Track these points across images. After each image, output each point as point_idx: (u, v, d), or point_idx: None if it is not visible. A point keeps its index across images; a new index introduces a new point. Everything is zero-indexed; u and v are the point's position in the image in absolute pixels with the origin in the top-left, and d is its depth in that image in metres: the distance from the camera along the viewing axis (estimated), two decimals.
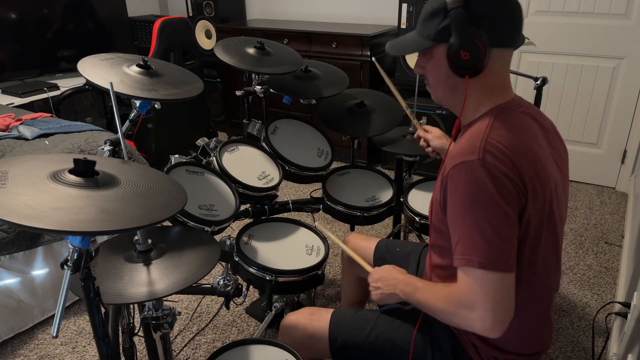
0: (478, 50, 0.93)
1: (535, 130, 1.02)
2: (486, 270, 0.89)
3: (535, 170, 0.95)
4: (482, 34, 0.92)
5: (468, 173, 0.91)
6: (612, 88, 2.99)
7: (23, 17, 3.19)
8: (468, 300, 0.92)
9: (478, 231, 0.90)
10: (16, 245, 1.89)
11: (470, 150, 0.92)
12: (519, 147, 0.94)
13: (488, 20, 0.94)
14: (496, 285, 0.90)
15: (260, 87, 1.87)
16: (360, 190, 1.91)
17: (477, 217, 0.90)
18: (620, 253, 2.50)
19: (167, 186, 1.02)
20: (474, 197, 0.90)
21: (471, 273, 0.91)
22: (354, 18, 3.81)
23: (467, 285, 0.92)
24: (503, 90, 1.03)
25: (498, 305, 0.90)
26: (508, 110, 1.01)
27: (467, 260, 0.91)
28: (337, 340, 1.21)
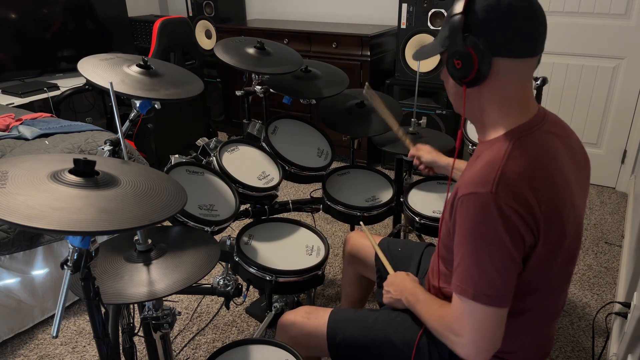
0: (470, 59, 0.90)
1: (557, 152, 0.97)
2: (478, 303, 0.89)
3: (553, 203, 0.91)
4: (478, 42, 0.89)
5: (478, 205, 0.88)
6: (612, 88, 2.99)
7: (23, 17, 3.19)
8: (456, 326, 0.94)
9: (477, 264, 0.89)
10: (16, 245, 1.89)
11: (485, 181, 0.88)
12: (537, 180, 0.90)
13: (489, 27, 0.90)
14: (485, 318, 0.90)
15: (260, 87, 1.87)
16: (360, 190, 1.91)
17: (478, 250, 0.89)
18: (620, 253, 2.50)
19: (167, 186, 1.02)
20: (480, 230, 0.88)
21: (464, 302, 0.92)
22: (354, 18, 3.81)
23: (457, 312, 0.94)
24: (522, 107, 0.97)
25: (482, 337, 0.91)
26: (529, 134, 0.95)
27: (461, 289, 0.91)
28: (335, 339, 1.21)
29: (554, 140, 0.98)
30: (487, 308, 0.89)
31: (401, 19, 3.09)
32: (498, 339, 0.93)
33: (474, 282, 0.89)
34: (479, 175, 0.90)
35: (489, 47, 0.90)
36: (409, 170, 2.07)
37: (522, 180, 0.88)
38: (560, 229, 0.94)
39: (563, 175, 0.96)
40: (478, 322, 0.91)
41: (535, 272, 0.95)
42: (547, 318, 1.07)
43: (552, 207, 0.91)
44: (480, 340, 0.91)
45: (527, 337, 1.06)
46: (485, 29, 0.90)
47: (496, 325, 0.91)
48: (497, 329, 0.92)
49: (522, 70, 0.94)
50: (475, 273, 0.89)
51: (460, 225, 0.92)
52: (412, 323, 1.16)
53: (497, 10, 0.89)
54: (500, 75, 0.93)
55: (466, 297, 0.91)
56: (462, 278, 0.92)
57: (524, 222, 0.88)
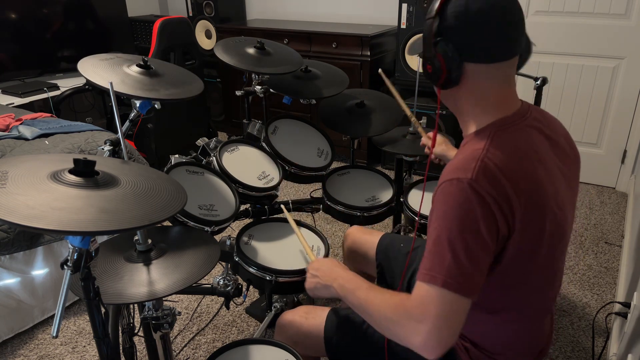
0: (439, 65, 0.92)
1: (540, 147, 0.97)
2: (446, 290, 0.86)
3: (533, 197, 0.91)
4: (447, 47, 0.90)
5: (457, 192, 0.88)
6: (612, 88, 2.99)
7: (23, 17, 3.19)
8: (419, 313, 0.88)
9: (450, 249, 0.87)
10: (16, 245, 1.89)
11: (465, 168, 0.89)
12: (516, 172, 0.91)
13: (458, 33, 0.90)
14: (452, 306, 0.87)
15: (260, 87, 1.87)
16: (360, 190, 1.91)
17: (453, 236, 0.87)
18: (620, 253, 2.50)
19: (167, 186, 1.02)
20: (457, 215, 0.87)
21: (431, 288, 0.88)
22: (354, 18, 3.81)
23: (422, 299, 0.89)
24: (502, 104, 0.97)
25: (447, 325, 0.87)
26: (510, 126, 0.96)
27: (430, 276, 0.88)
28: (332, 339, 1.21)
29: (535, 134, 0.98)
30: (455, 296, 0.86)
31: (401, 19, 3.09)
32: (457, 331, 0.89)
33: (445, 269, 0.87)
34: (459, 163, 0.91)
35: (459, 53, 0.90)
36: (409, 170, 2.07)
37: (500, 171, 0.89)
38: (541, 222, 0.93)
39: (546, 170, 0.95)
40: (445, 310, 0.87)
41: (515, 265, 0.94)
42: (534, 315, 1.06)
43: (531, 200, 0.91)
44: (445, 329, 0.86)
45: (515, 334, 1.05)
46: (455, 35, 0.90)
47: (460, 315, 0.88)
48: (461, 318, 0.88)
49: (497, 73, 0.94)
50: (447, 259, 0.87)
51: (437, 210, 0.91)
52: None
53: (466, 16, 0.89)
54: (473, 78, 0.94)
55: (435, 284, 0.87)
56: (432, 265, 0.88)
57: (500, 212, 0.87)
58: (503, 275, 0.94)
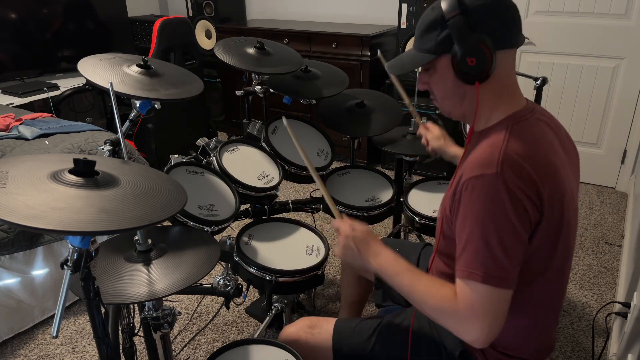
0: (484, 54, 0.92)
1: (551, 138, 1.00)
2: (488, 285, 0.88)
3: (554, 182, 0.93)
4: (484, 37, 0.92)
5: (485, 187, 0.89)
6: (612, 88, 2.99)
7: (23, 17, 3.19)
8: (466, 312, 0.90)
9: (485, 246, 0.88)
10: (16, 245, 1.89)
11: (489, 163, 0.90)
12: (537, 159, 0.92)
13: (488, 23, 0.93)
14: (495, 301, 0.89)
15: (260, 87, 1.87)
16: (360, 190, 1.91)
17: (487, 232, 0.88)
18: (620, 253, 2.50)
19: (167, 186, 1.02)
20: (489, 211, 0.88)
21: (472, 286, 0.90)
22: (354, 18, 3.81)
23: (467, 297, 0.91)
24: (514, 95, 1.01)
25: (495, 322, 0.90)
26: (523, 119, 0.98)
27: (469, 272, 0.90)
28: (341, 352, 1.20)
29: (546, 128, 1.01)
30: (496, 290, 0.89)
31: (401, 19, 3.09)
32: (503, 321, 0.91)
33: (483, 265, 0.89)
34: (482, 158, 0.92)
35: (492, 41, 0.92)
36: (409, 170, 2.07)
37: (524, 159, 0.91)
38: (561, 209, 0.95)
39: (559, 160, 0.98)
40: (490, 306, 0.89)
41: (539, 252, 0.95)
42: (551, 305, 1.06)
43: (553, 186, 0.93)
44: (492, 324, 0.89)
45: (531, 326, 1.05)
46: (485, 24, 0.93)
47: (504, 308, 0.91)
48: (504, 311, 0.91)
49: (512, 59, 1.00)
50: (484, 255, 0.89)
51: (466, 208, 0.92)
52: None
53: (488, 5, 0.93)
54: (499, 67, 0.96)
55: (475, 280, 0.89)
56: (469, 261, 0.90)
57: (529, 200, 0.89)
58: (529, 261, 0.95)
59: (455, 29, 0.93)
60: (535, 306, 1.03)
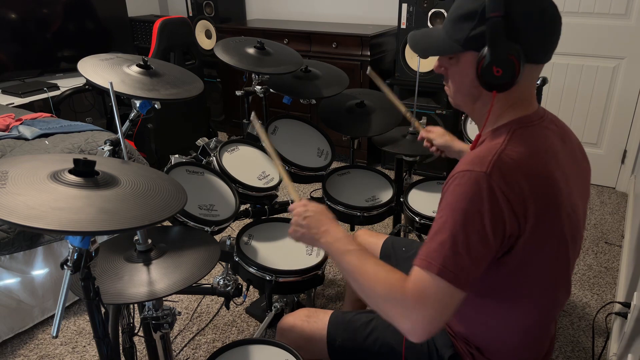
0: (512, 68, 0.87)
1: (556, 148, 0.96)
2: (442, 279, 0.85)
3: (548, 195, 0.90)
4: (517, 49, 0.86)
5: (470, 183, 0.86)
6: (612, 88, 2.99)
7: (23, 17, 3.19)
8: (413, 299, 0.86)
9: (451, 239, 0.86)
10: (16, 245, 1.89)
11: (481, 161, 0.87)
12: (534, 168, 0.89)
13: (526, 34, 0.87)
14: (445, 296, 0.86)
15: (260, 87, 1.87)
16: (360, 190, 1.91)
17: (457, 227, 0.86)
18: (620, 253, 2.50)
19: (167, 186, 1.02)
20: (465, 206, 0.86)
21: (428, 275, 0.86)
22: (354, 18, 3.81)
23: (419, 285, 0.87)
24: (525, 103, 0.97)
25: (438, 316, 0.86)
26: (528, 125, 0.95)
27: (427, 262, 0.86)
28: (335, 343, 1.21)
29: (552, 136, 0.98)
30: (449, 286, 0.85)
31: (401, 19, 3.09)
32: (446, 321, 0.89)
33: (442, 258, 0.85)
34: (477, 156, 0.90)
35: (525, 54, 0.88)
36: (409, 170, 2.07)
37: (518, 167, 0.88)
38: (556, 222, 0.92)
39: (562, 171, 0.94)
40: (439, 300, 0.86)
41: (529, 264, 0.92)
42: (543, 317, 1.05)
43: (546, 199, 0.90)
44: (436, 318, 0.85)
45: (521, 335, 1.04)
46: (524, 36, 0.88)
47: (453, 307, 0.87)
48: (452, 310, 0.87)
49: (536, 74, 0.96)
50: (447, 249, 0.86)
51: (446, 199, 0.90)
52: None
53: (535, 17, 0.88)
54: (523, 79, 0.91)
55: (431, 271, 0.85)
56: (430, 252, 0.87)
57: (510, 209, 0.86)
58: (516, 271, 0.93)
59: (491, 30, 0.87)
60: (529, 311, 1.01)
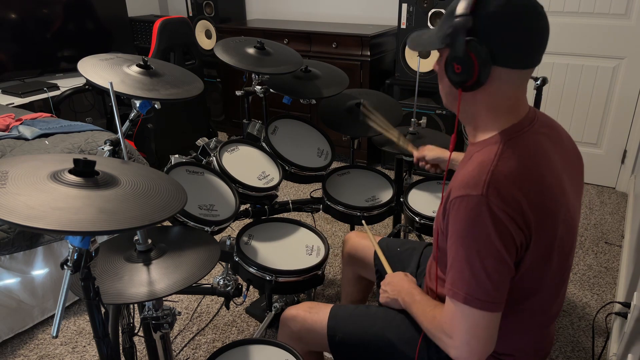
0: (471, 66, 0.87)
1: (549, 153, 0.96)
2: (469, 307, 0.89)
3: (545, 202, 0.91)
4: (478, 48, 0.86)
5: (469, 208, 0.87)
6: (612, 88, 2.99)
7: (23, 17, 3.19)
8: (448, 328, 0.94)
9: (468, 267, 0.88)
10: (16, 245, 1.89)
11: (475, 183, 0.87)
12: (528, 179, 0.89)
13: (495, 36, 0.86)
14: (477, 322, 0.90)
15: (260, 87, 1.87)
16: (360, 190, 1.91)
17: (470, 253, 0.88)
18: (620, 253, 2.50)
19: (167, 186, 1.02)
20: (471, 233, 0.87)
21: (456, 305, 0.91)
22: (354, 18, 3.81)
23: (450, 314, 0.94)
24: (513, 109, 0.95)
25: (475, 340, 0.90)
26: (519, 134, 0.94)
27: (453, 292, 0.91)
28: (335, 335, 1.21)
29: (544, 141, 0.97)
30: (478, 312, 0.89)
31: (401, 19, 3.09)
32: (491, 341, 0.92)
33: (465, 286, 0.89)
34: (470, 177, 0.89)
35: (491, 56, 0.86)
36: (409, 170, 2.07)
37: (512, 181, 0.88)
38: (553, 229, 0.93)
39: (555, 176, 0.95)
40: (470, 325, 0.90)
41: (531, 274, 0.94)
42: (544, 319, 1.06)
43: (543, 208, 0.90)
44: (474, 343, 0.91)
45: (524, 338, 1.05)
46: (491, 37, 0.86)
47: (489, 329, 0.91)
48: (490, 332, 0.91)
49: (519, 80, 0.93)
50: (467, 276, 0.88)
51: (452, 227, 0.91)
52: (410, 322, 1.16)
53: (507, 19, 0.86)
54: (496, 82, 0.91)
55: (458, 300, 0.90)
56: (454, 281, 0.91)
57: (515, 224, 0.87)
58: (518, 283, 0.94)
59: (456, 28, 0.88)
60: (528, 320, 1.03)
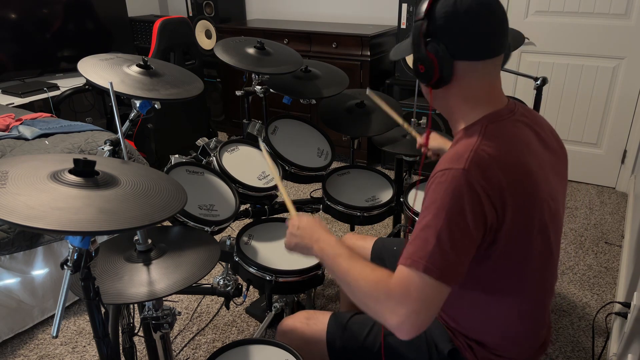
0: (432, 65, 0.94)
1: (529, 139, 1.00)
2: (428, 276, 0.87)
3: (525, 186, 0.93)
4: (438, 47, 0.92)
5: (449, 180, 0.89)
6: (612, 88, 2.99)
7: (23, 17, 3.19)
8: (399, 294, 0.88)
9: (436, 237, 0.88)
10: (16, 245, 1.89)
11: (458, 158, 0.91)
12: (509, 161, 0.93)
13: (448, 33, 0.93)
14: (431, 292, 0.88)
15: (260, 87, 1.87)
16: (360, 190, 1.91)
17: (440, 224, 0.88)
18: (620, 253, 2.50)
19: (167, 186, 1.02)
20: (447, 204, 0.88)
21: (414, 272, 0.88)
22: (354, 18, 3.81)
23: (405, 281, 0.89)
24: (490, 99, 1.00)
25: (425, 310, 0.87)
26: (499, 120, 0.99)
27: (413, 260, 0.88)
28: (335, 345, 1.21)
29: (525, 129, 1.01)
30: (436, 282, 0.87)
31: (401, 19, 3.10)
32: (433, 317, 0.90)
33: (428, 255, 0.87)
34: (453, 155, 0.94)
35: (449, 52, 0.93)
36: (409, 170, 2.07)
37: (493, 161, 0.91)
38: (532, 212, 0.95)
39: (537, 163, 0.98)
40: (425, 295, 0.87)
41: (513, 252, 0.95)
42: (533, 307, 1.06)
43: (524, 190, 0.93)
44: (423, 313, 0.87)
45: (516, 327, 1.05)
46: (445, 34, 0.93)
47: (439, 302, 0.89)
48: (438, 305, 0.89)
49: (485, 70, 0.98)
50: (432, 246, 0.88)
51: (428, 198, 0.93)
52: None
53: (455, 16, 0.92)
54: (463, 76, 0.96)
55: (417, 269, 0.87)
56: (416, 250, 0.89)
57: (490, 203, 0.89)
58: (502, 261, 0.95)
59: (414, 33, 0.96)
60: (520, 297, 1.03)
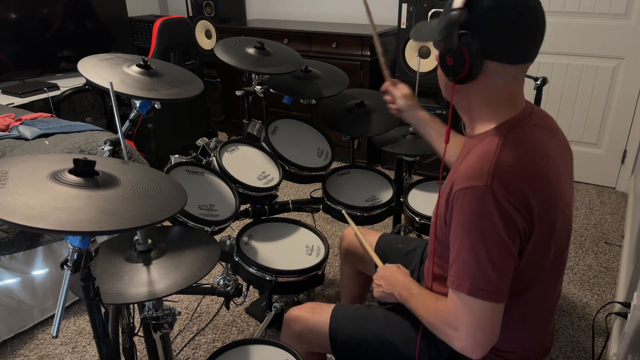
0: (463, 59, 0.89)
1: (547, 144, 0.98)
2: (474, 298, 0.89)
3: (546, 193, 0.92)
4: (473, 43, 0.87)
5: (474, 199, 0.88)
6: (612, 88, 2.99)
7: (23, 17, 3.19)
8: (452, 320, 0.93)
9: (474, 258, 0.88)
10: (16, 245, 1.89)
11: (479, 175, 0.88)
12: (530, 169, 0.91)
13: (487, 30, 0.88)
14: (482, 313, 0.90)
15: (260, 87, 1.87)
16: (360, 190, 1.91)
17: (475, 244, 0.88)
18: (620, 253, 2.50)
19: (167, 186, 1.02)
20: (477, 224, 0.88)
21: (460, 297, 0.91)
22: (354, 18, 3.81)
23: (454, 306, 0.93)
24: (511, 104, 0.97)
25: (480, 331, 0.90)
26: (518, 127, 0.95)
27: (457, 284, 0.91)
28: (337, 336, 1.21)
29: (543, 133, 0.99)
30: (483, 303, 0.89)
31: (401, 19, 3.09)
32: (496, 332, 0.92)
33: (470, 277, 0.89)
34: (473, 168, 0.90)
35: (483, 50, 0.88)
36: (409, 170, 2.07)
37: (515, 171, 0.89)
38: (553, 220, 0.94)
39: (554, 167, 0.97)
40: (475, 317, 0.90)
41: (530, 265, 0.95)
42: (544, 313, 1.07)
43: (544, 199, 0.92)
44: (480, 334, 0.91)
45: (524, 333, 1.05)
46: (484, 31, 0.88)
47: (493, 320, 0.91)
48: (494, 323, 0.91)
49: (513, 74, 0.94)
50: (472, 267, 0.89)
51: (456, 219, 0.92)
52: (409, 322, 1.16)
53: (500, 14, 0.87)
54: (489, 76, 0.93)
55: (462, 292, 0.90)
56: (458, 273, 0.91)
57: (519, 214, 0.88)
58: (518, 275, 0.95)
59: (449, 22, 0.90)
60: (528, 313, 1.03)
